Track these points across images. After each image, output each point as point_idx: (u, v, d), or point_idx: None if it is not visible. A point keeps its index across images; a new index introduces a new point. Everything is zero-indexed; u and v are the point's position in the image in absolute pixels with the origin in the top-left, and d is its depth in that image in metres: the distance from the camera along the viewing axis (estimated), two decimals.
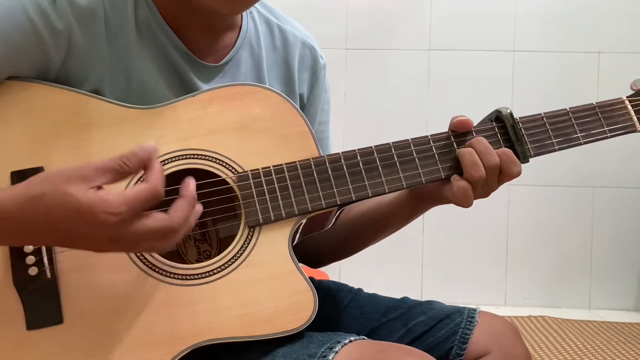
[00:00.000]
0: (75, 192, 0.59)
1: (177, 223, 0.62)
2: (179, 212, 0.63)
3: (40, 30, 0.71)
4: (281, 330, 0.70)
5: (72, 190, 0.59)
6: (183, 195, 0.64)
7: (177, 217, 0.62)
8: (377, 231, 0.91)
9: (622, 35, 2.41)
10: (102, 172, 0.61)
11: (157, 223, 0.61)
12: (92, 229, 0.59)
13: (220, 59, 0.84)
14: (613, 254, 2.45)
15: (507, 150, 0.77)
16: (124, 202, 0.59)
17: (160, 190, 0.62)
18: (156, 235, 0.61)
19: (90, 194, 0.59)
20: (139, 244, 0.62)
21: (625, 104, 0.82)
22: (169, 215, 0.62)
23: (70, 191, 0.59)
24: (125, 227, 0.60)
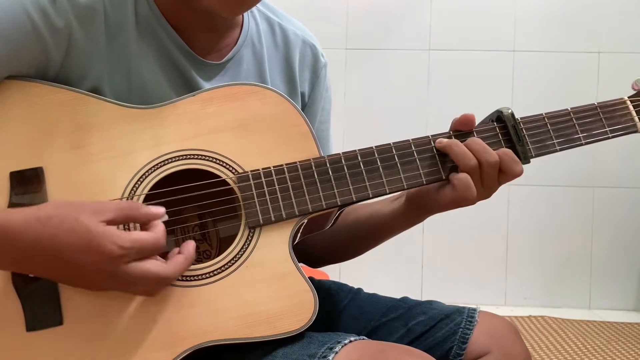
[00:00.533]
0: (86, 220, 0.62)
1: (172, 274, 0.66)
2: (176, 265, 0.66)
3: (40, 29, 0.71)
4: (282, 332, 0.70)
5: (82, 218, 0.62)
6: (182, 252, 0.68)
7: (174, 270, 0.66)
8: (376, 239, 0.91)
9: (622, 35, 2.41)
10: (112, 209, 0.64)
11: (156, 269, 0.64)
12: (95, 259, 0.61)
13: (222, 57, 0.84)
14: (613, 254, 2.45)
15: (508, 150, 0.77)
16: (132, 240, 0.62)
17: (163, 244, 0.66)
18: (151, 280, 0.64)
19: (101, 225, 0.62)
20: (132, 285, 0.65)
21: (627, 105, 0.82)
22: (167, 265, 0.65)
23: (81, 218, 0.62)
24: (127, 264, 0.62)
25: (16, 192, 0.69)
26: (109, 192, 0.71)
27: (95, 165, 0.72)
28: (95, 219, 0.62)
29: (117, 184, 0.71)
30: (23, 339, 0.67)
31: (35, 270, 0.65)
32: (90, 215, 0.62)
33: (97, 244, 0.61)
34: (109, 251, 0.61)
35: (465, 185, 0.76)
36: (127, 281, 0.63)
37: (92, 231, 0.61)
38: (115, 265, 0.62)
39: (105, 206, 0.64)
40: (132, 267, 0.63)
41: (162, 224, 0.66)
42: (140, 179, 0.72)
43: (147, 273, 0.63)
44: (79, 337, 0.68)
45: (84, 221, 0.61)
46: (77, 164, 0.71)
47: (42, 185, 0.70)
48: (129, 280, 0.63)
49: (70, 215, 0.62)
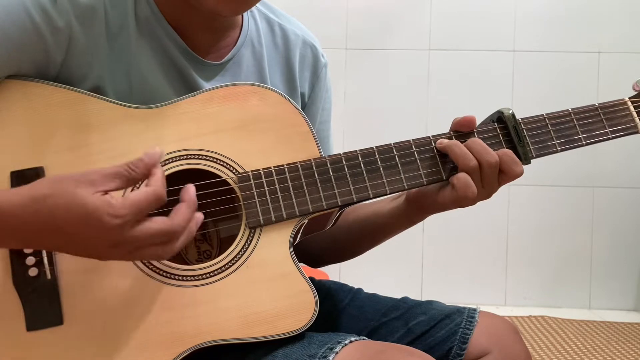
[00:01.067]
0: (81, 195, 0.60)
1: (178, 226, 0.63)
2: (180, 215, 0.63)
3: (41, 29, 0.71)
4: (282, 332, 0.70)
5: (79, 192, 0.60)
6: (184, 199, 0.65)
7: (179, 220, 0.63)
8: (376, 239, 0.91)
9: (622, 35, 2.41)
10: (109, 178, 0.62)
11: (158, 226, 0.61)
12: (95, 232, 0.60)
13: (222, 57, 0.84)
14: (613, 254, 2.45)
15: (508, 150, 0.77)
16: (127, 205, 0.60)
17: (163, 193, 0.63)
18: (158, 239, 0.62)
19: (96, 197, 0.60)
20: (140, 249, 0.62)
21: (628, 105, 0.82)
22: (170, 218, 0.62)
23: (78, 192, 0.60)
24: (128, 230, 0.60)
25: None
26: None
27: (95, 165, 0.71)
28: (92, 190, 0.60)
29: None
30: (23, 338, 0.67)
31: (41, 245, 0.65)
32: (87, 187, 0.60)
33: (94, 217, 0.59)
34: (107, 222, 0.59)
35: (465, 186, 0.76)
36: (134, 246, 0.62)
37: (89, 205, 0.59)
38: (117, 235, 0.60)
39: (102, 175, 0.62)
40: (134, 232, 0.60)
41: (158, 172, 0.63)
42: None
43: (151, 233, 0.61)
44: (79, 337, 0.68)
45: (80, 195, 0.60)
46: (78, 164, 0.71)
47: None
48: (135, 244, 0.61)
49: (67, 190, 0.60)
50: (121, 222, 0.60)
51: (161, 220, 0.62)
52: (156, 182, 0.62)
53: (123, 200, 0.60)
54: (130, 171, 0.63)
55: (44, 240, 0.62)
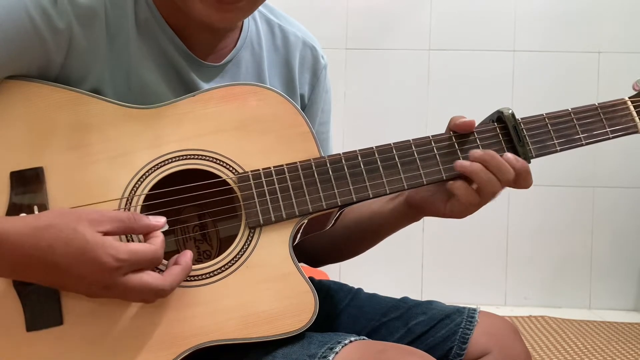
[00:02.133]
0: (83, 231, 0.62)
1: (169, 287, 0.66)
2: (173, 277, 0.66)
3: (41, 30, 0.71)
4: (282, 332, 0.70)
5: (80, 228, 0.62)
6: (179, 262, 0.67)
7: (171, 282, 0.65)
8: (375, 238, 0.92)
9: (622, 35, 2.41)
10: (110, 220, 0.64)
11: (151, 281, 0.64)
12: (91, 270, 0.62)
13: (221, 58, 0.83)
14: (613, 254, 2.44)
15: (525, 164, 0.77)
16: (128, 252, 0.63)
17: (161, 257, 0.66)
18: (147, 291, 0.64)
19: (98, 236, 0.62)
20: (129, 294, 0.65)
21: (628, 105, 0.82)
22: (163, 277, 0.65)
23: (79, 229, 0.62)
24: (122, 276, 0.63)
25: (16, 192, 0.69)
26: (110, 192, 0.71)
27: (95, 166, 0.72)
28: (93, 229, 0.62)
29: (118, 184, 0.71)
30: (23, 339, 0.67)
31: (33, 278, 0.65)
32: (88, 226, 0.62)
33: (94, 255, 0.61)
34: (105, 262, 0.61)
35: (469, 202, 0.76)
36: (123, 292, 0.64)
37: (90, 242, 0.61)
38: (111, 277, 0.62)
39: (105, 216, 0.64)
40: (128, 278, 0.63)
41: (161, 235, 0.66)
42: (141, 179, 0.72)
43: (142, 285, 0.63)
44: (79, 337, 0.68)
45: (82, 231, 0.62)
46: (78, 164, 0.71)
47: (42, 185, 0.70)
48: (125, 291, 0.64)
49: (69, 225, 0.62)
50: (118, 265, 0.62)
51: (155, 276, 0.64)
52: (157, 244, 0.65)
53: (125, 245, 0.63)
54: (132, 221, 0.65)
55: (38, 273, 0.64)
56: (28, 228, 0.62)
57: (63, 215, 0.63)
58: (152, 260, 0.65)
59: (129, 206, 0.71)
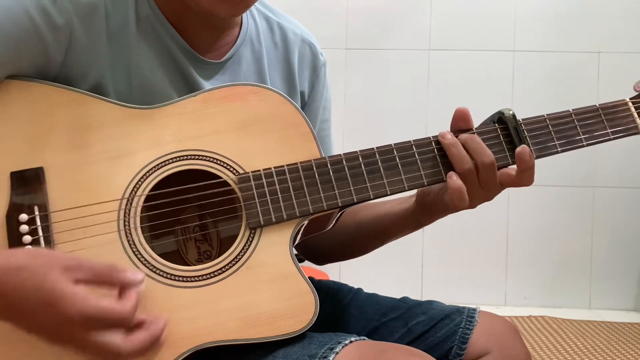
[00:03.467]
0: (54, 278, 0.59)
1: (130, 353, 0.61)
2: (138, 345, 0.62)
3: (41, 29, 0.71)
4: (282, 333, 0.70)
5: (51, 276, 0.59)
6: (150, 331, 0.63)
7: (132, 349, 0.61)
8: (382, 239, 0.91)
9: (622, 35, 2.41)
10: (86, 269, 0.61)
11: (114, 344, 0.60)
12: (56, 321, 0.59)
13: (222, 55, 0.84)
14: (613, 254, 2.45)
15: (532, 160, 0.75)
16: (96, 309, 0.59)
17: (131, 320, 0.61)
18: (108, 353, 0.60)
19: (70, 286, 0.59)
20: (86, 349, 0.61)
21: (629, 106, 0.82)
22: (127, 342, 0.61)
23: (50, 276, 0.59)
24: (85, 332, 0.59)
25: (17, 192, 0.69)
26: (110, 193, 0.71)
27: (95, 166, 0.72)
28: (65, 277, 0.59)
29: (118, 184, 0.71)
30: (23, 339, 0.67)
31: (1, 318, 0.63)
32: (60, 273, 0.59)
33: (61, 305, 0.58)
34: (70, 316, 0.58)
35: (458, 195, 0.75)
36: (84, 348, 0.61)
37: (57, 291, 0.59)
38: (74, 331, 0.59)
39: (81, 264, 0.61)
40: (90, 335, 0.59)
41: (135, 295, 0.62)
42: (141, 179, 0.72)
43: (104, 346, 0.60)
44: None
45: (52, 279, 0.59)
46: (78, 164, 0.71)
47: (42, 185, 0.70)
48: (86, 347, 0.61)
49: (40, 270, 0.59)
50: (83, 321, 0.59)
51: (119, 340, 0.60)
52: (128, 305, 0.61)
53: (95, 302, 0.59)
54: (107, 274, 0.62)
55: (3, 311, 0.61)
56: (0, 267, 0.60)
57: (36, 258, 0.60)
58: (120, 322, 0.61)
59: (130, 206, 0.71)
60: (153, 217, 0.74)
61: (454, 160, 0.76)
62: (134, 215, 0.71)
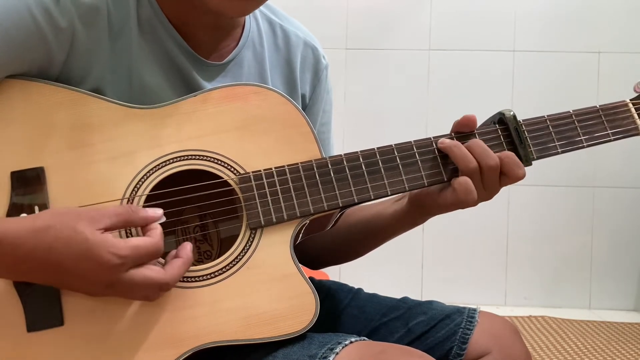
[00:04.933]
0: (83, 230, 0.62)
1: (171, 280, 0.65)
2: (175, 270, 0.66)
3: (44, 29, 0.71)
4: (283, 333, 0.70)
5: (80, 228, 0.62)
6: (180, 255, 0.67)
7: (173, 275, 0.65)
8: (377, 240, 0.91)
9: (622, 35, 2.41)
10: (108, 216, 0.64)
11: (154, 275, 0.64)
12: (93, 268, 0.62)
13: (223, 57, 0.83)
14: (613, 254, 2.45)
15: (510, 153, 0.77)
16: (129, 248, 0.63)
17: (161, 248, 0.66)
18: (150, 286, 0.64)
19: (98, 234, 0.62)
20: (132, 291, 0.65)
21: (629, 107, 0.82)
22: (165, 270, 0.65)
23: (79, 228, 0.62)
24: (125, 272, 0.63)
25: (17, 192, 0.69)
26: (111, 193, 0.71)
27: (96, 166, 0.72)
28: (92, 227, 0.62)
29: (119, 184, 0.71)
30: (24, 339, 0.67)
31: (34, 279, 0.65)
32: (87, 224, 0.62)
33: (95, 253, 0.61)
34: (107, 260, 0.61)
35: (466, 189, 0.75)
36: (126, 288, 0.64)
37: (90, 241, 0.61)
38: (113, 274, 0.62)
39: (103, 213, 0.64)
40: (130, 274, 0.63)
41: (159, 227, 0.66)
42: (142, 179, 0.72)
43: (146, 280, 0.63)
44: (79, 337, 0.68)
45: (82, 231, 0.61)
46: (78, 164, 0.71)
47: (43, 185, 0.70)
48: (128, 287, 0.64)
49: (68, 224, 0.62)
50: (121, 262, 0.62)
51: (158, 270, 0.65)
52: (157, 236, 0.65)
53: (125, 242, 0.63)
54: (130, 214, 0.66)
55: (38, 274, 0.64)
56: (26, 230, 0.62)
57: (61, 215, 0.63)
58: (154, 254, 0.65)
59: None
60: None
61: (458, 161, 0.76)
62: None
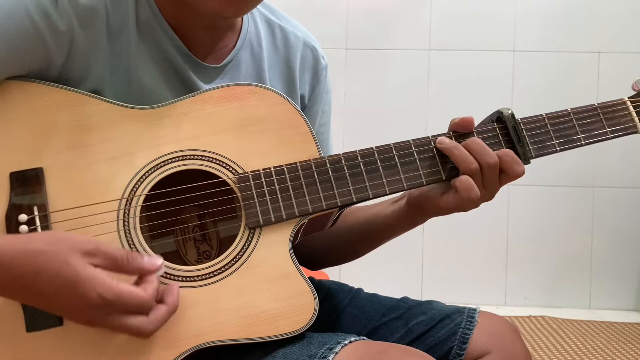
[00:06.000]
0: (75, 263, 0.60)
1: (154, 327, 0.63)
2: (158, 318, 0.64)
3: (42, 32, 0.71)
4: (282, 332, 0.70)
5: (72, 260, 0.60)
6: (167, 302, 0.65)
7: (155, 323, 0.63)
8: (377, 240, 0.91)
9: (622, 35, 2.41)
10: (104, 255, 0.62)
11: (135, 324, 0.62)
12: (75, 303, 0.60)
13: (221, 59, 0.83)
14: (613, 254, 2.45)
15: (508, 150, 0.77)
16: (115, 294, 0.60)
17: (152, 305, 0.63)
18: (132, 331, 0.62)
19: (90, 269, 0.60)
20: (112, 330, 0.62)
21: (627, 105, 0.82)
22: (149, 318, 0.63)
23: (70, 260, 0.60)
24: (107, 315, 0.61)
25: (16, 192, 0.69)
26: (109, 193, 0.71)
27: (95, 166, 0.72)
28: (85, 261, 0.60)
29: (117, 184, 0.71)
30: (23, 339, 0.67)
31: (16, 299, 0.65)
32: (80, 257, 0.60)
33: (80, 289, 0.59)
34: (91, 299, 0.59)
35: (468, 189, 0.75)
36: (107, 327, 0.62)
37: (80, 275, 0.59)
38: (94, 313, 0.60)
39: (99, 250, 0.62)
40: (112, 318, 0.61)
41: (155, 282, 0.64)
42: (141, 179, 0.72)
43: (126, 328, 0.62)
44: (79, 337, 0.68)
45: (73, 263, 0.60)
46: (77, 165, 0.71)
47: (42, 185, 0.70)
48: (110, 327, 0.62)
49: (60, 254, 0.60)
50: (104, 303, 0.60)
51: (141, 321, 0.62)
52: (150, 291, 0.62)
53: (115, 286, 0.60)
54: (125, 262, 0.63)
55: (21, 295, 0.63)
56: (18, 251, 0.60)
57: (56, 243, 0.61)
58: (140, 307, 0.62)
59: (129, 206, 0.71)
60: (152, 217, 0.74)
61: (458, 162, 0.76)
62: (134, 216, 0.71)
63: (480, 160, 0.76)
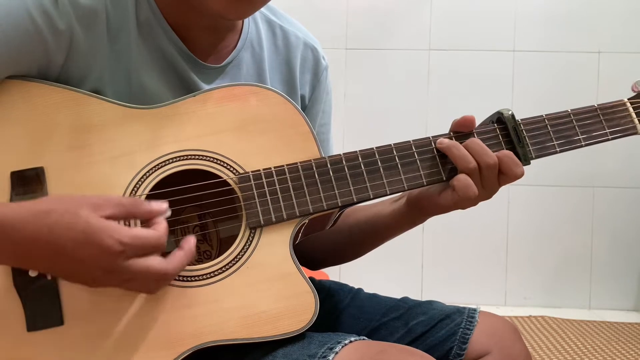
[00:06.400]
0: (86, 215, 0.61)
1: (172, 270, 0.64)
2: (176, 262, 0.65)
3: (42, 31, 0.71)
4: (282, 332, 0.70)
5: (82, 212, 0.61)
6: (183, 247, 0.66)
7: (174, 267, 0.64)
8: (377, 240, 0.91)
9: (622, 35, 2.41)
10: (112, 204, 0.63)
11: (154, 264, 0.63)
12: (93, 253, 0.60)
13: (222, 60, 0.83)
14: (613, 254, 2.45)
15: (508, 152, 0.77)
16: (131, 237, 0.61)
17: (164, 243, 0.64)
18: (150, 277, 0.63)
19: (101, 220, 0.61)
20: (131, 281, 0.63)
21: (627, 106, 0.82)
22: (166, 262, 0.64)
23: (81, 213, 0.61)
24: (125, 260, 0.61)
25: (17, 192, 0.69)
26: (110, 193, 0.71)
27: (96, 166, 0.72)
28: (95, 213, 0.61)
29: (118, 184, 0.72)
30: (23, 339, 0.67)
31: (34, 265, 0.65)
32: (90, 210, 0.61)
33: (97, 238, 0.60)
34: (108, 246, 0.60)
35: (466, 188, 0.75)
36: (126, 277, 0.62)
37: (92, 226, 0.60)
38: (114, 261, 0.61)
39: (106, 200, 0.63)
40: (131, 263, 0.61)
41: (164, 221, 0.65)
42: (141, 179, 0.72)
43: (147, 269, 0.62)
44: (79, 337, 0.68)
45: (84, 215, 0.60)
46: (78, 164, 0.71)
47: (42, 185, 0.70)
48: (128, 276, 0.62)
49: (70, 209, 0.61)
50: (122, 249, 0.60)
51: (160, 261, 0.63)
52: (161, 229, 0.64)
53: (129, 230, 0.61)
54: (134, 206, 0.64)
55: (39, 259, 0.63)
56: (29, 213, 0.61)
57: (63, 200, 0.62)
58: (156, 246, 0.63)
59: None
60: None
61: (457, 161, 0.76)
62: None
63: (479, 160, 0.76)
